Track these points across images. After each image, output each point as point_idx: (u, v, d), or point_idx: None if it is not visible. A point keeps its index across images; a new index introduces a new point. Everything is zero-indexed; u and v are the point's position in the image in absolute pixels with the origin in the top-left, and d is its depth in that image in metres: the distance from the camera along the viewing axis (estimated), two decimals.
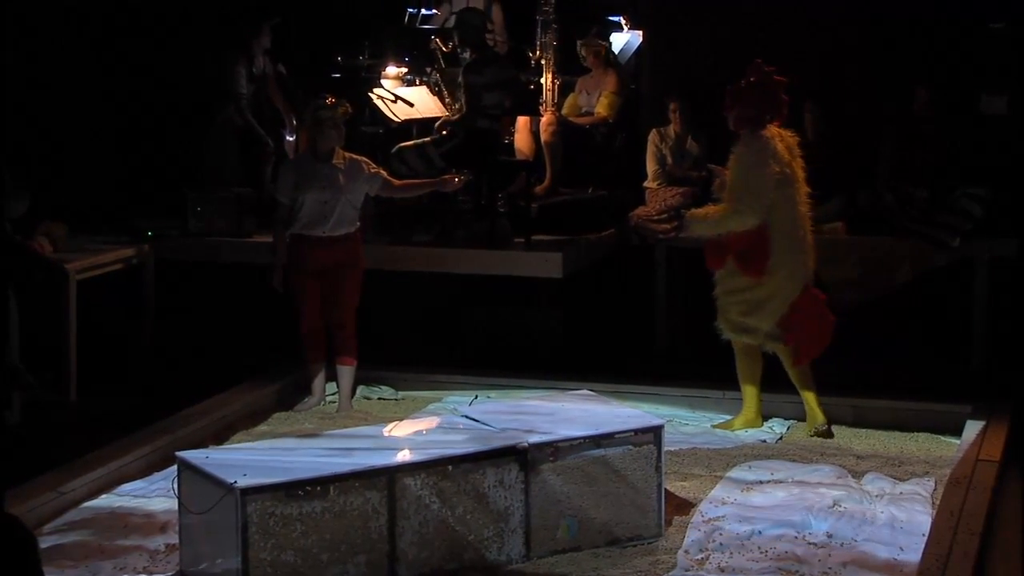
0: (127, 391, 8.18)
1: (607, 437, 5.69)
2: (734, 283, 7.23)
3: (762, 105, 7.14)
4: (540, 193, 9.14)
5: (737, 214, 7.09)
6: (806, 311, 7.20)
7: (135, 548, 5.64)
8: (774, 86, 7.18)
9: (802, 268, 7.22)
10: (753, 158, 7.10)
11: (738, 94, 7.19)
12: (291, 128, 9.54)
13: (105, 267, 8.51)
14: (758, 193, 7.05)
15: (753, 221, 7.08)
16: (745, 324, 7.24)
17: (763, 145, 7.10)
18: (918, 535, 5.80)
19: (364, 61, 9.36)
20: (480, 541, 5.44)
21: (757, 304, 7.20)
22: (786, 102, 7.22)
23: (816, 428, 7.31)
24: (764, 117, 7.15)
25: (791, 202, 7.15)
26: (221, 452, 5.79)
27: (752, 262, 7.14)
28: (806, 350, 7.25)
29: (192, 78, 9.69)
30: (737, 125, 7.22)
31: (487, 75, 8.55)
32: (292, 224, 7.60)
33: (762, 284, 7.17)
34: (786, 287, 7.19)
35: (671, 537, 5.82)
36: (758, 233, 7.11)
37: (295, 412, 7.73)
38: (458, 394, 8.00)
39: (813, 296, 7.27)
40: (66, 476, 6.28)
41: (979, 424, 7.13)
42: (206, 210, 8.99)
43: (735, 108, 7.19)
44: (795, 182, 7.16)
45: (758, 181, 7.05)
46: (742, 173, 7.10)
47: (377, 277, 8.10)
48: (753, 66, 7.25)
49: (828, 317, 7.29)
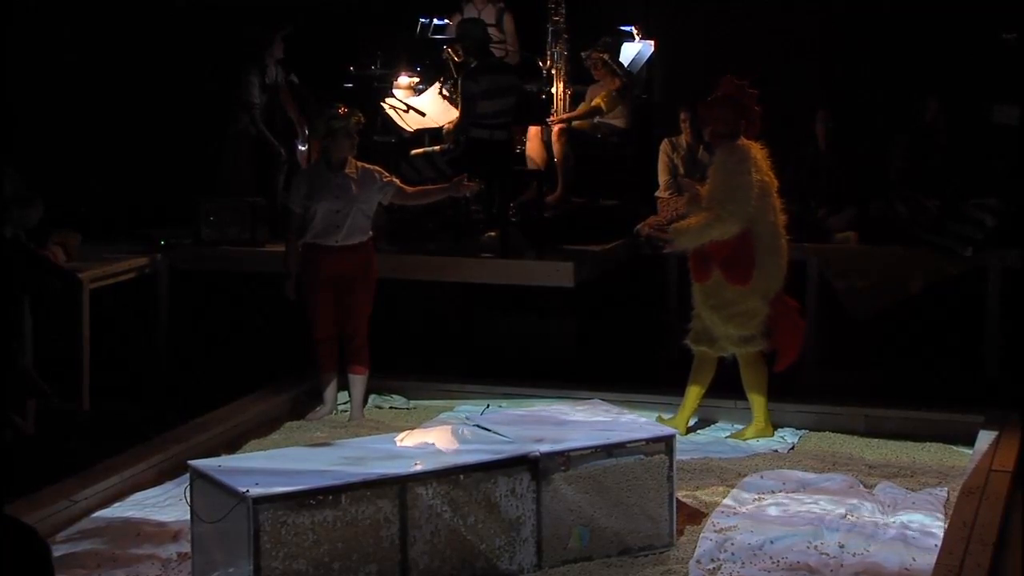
0: (140, 400, 8.21)
1: (619, 446, 5.69)
2: (722, 297, 7.24)
3: (735, 118, 7.20)
4: (552, 203, 9.16)
5: (720, 221, 7.12)
6: (780, 318, 7.24)
7: (148, 556, 5.66)
8: (746, 98, 7.23)
9: (778, 275, 7.26)
10: (734, 167, 7.16)
11: (711, 108, 7.27)
12: (303, 138, 9.57)
13: (118, 276, 8.54)
14: (741, 200, 7.10)
15: (736, 229, 7.12)
16: (738, 335, 7.25)
17: (743, 154, 7.17)
18: (930, 545, 5.79)
19: (376, 71, 9.38)
20: (492, 550, 5.45)
21: (742, 314, 7.22)
22: (759, 113, 7.27)
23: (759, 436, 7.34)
24: (738, 129, 7.21)
25: (771, 210, 7.21)
26: (233, 461, 5.80)
27: (737, 270, 7.19)
28: (785, 355, 7.27)
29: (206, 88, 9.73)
30: (713, 139, 7.33)
31: (483, 83, 8.56)
32: (305, 233, 7.62)
33: (748, 292, 7.19)
34: (767, 293, 7.22)
35: (683, 547, 5.81)
36: (742, 241, 7.15)
37: (307, 421, 7.75)
38: (470, 403, 8.01)
39: (786, 303, 7.32)
40: (79, 485, 6.29)
41: (992, 434, 7.12)
42: (219, 219, 9.02)
43: (709, 122, 7.28)
44: (772, 191, 7.23)
45: (741, 189, 7.11)
46: (724, 181, 7.16)
47: (389, 286, 8.11)
48: (725, 79, 7.34)
49: (800, 323, 7.33)
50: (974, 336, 8.56)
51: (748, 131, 7.24)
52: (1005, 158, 8.97)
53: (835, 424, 7.61)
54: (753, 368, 7.35)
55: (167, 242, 9.04)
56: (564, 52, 9.32)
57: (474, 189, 7.97)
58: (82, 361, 8.01)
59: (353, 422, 7.69)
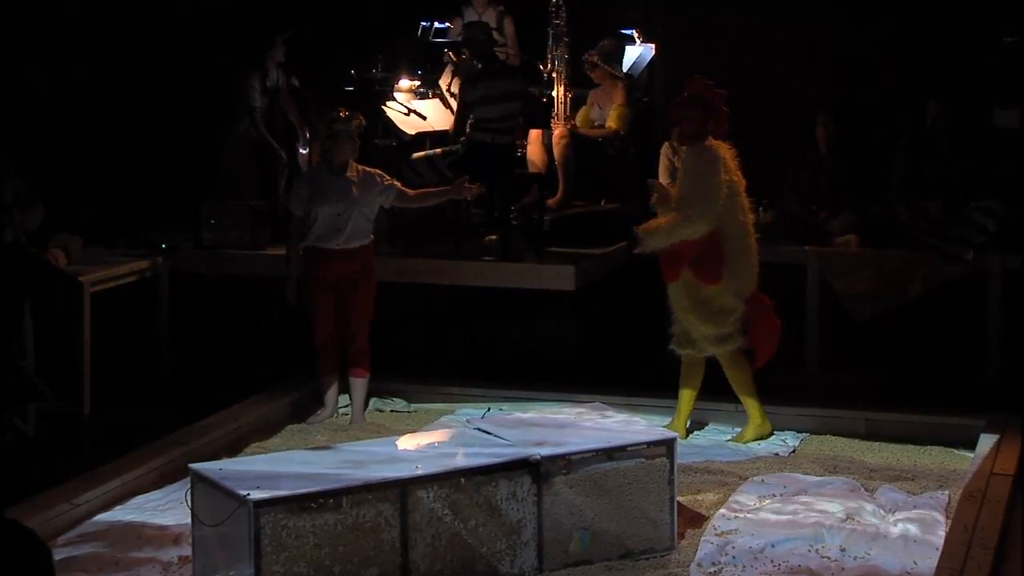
0: (141, 403, 8.20)
1: (620, 450, 5.69)
2: (697, 296, 7.25)
3: (703, 118, 7.21)
4: (553, 206, 9.16)
5: (689, 221, 7.14)
6: (756, 316, 7.26)
7: (149, 560, 5.65)
8: (713, 98, 7.24)
9: (749, 274, 7.27)
10: (703, 167, 7.18)
11: (678, 109, 7.30)
12: (304, 141, 9.58)
13: (119, 279, 8.54)
14: (710, 201, 7.12)
15: (704, 228, 7.14)
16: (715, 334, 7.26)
17: (712, 155, 7.19)
18: (931, 549, 5.78)
19: (377, 74, 9.39)
20: (493, 554, 5.45)
21: (717, 312, 7.23)
22: (726, 114, 7.29)
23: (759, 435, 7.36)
24: (706, 129, 7.23)
25: (740, 210, 7.23)
26: (234, 464, 5.79)
27: (707, 269, 7.20)
28: (763, 352, 7.29)
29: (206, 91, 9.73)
30: (681, 139, 7.36)
31: (481, 89, 8.57)
32: (306, 236, 7.62)
33: (721, 290, 7.20)
34: (740, 291, 7.23)
35: (684, 550, 5.81)
36: (710, 240, 7.17)
37: (308, 424, 7.74)
38: (471, 406, 8.00)
39: (761, 300, 7.33)
40: (80, 488, 6.29)
41: (993, 437, 7.11)
42: (220, 222, 9.02)
43: (678, 123, 7.31)
44: (740, 191, 7.24)
45: (709, 189, 7.13)
46: (692, 182, 7.18)
47: (390, 289, 8.12)
48: (692, 80, 7.36)
49: (775, 321, 7.34)
50: (975, 339, 8.56)
51: (716, 131, 7.26)
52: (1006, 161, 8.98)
53: (836, 427, 7.60)
54: (736, 367, 7.36)
55: (168, 245, 9.04)
56: (565, 55, 9.33)
57: (476, 191, 7.97)
58: (83, 364, 8.01)
59: (354, 425, 7.69)
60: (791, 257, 8.86)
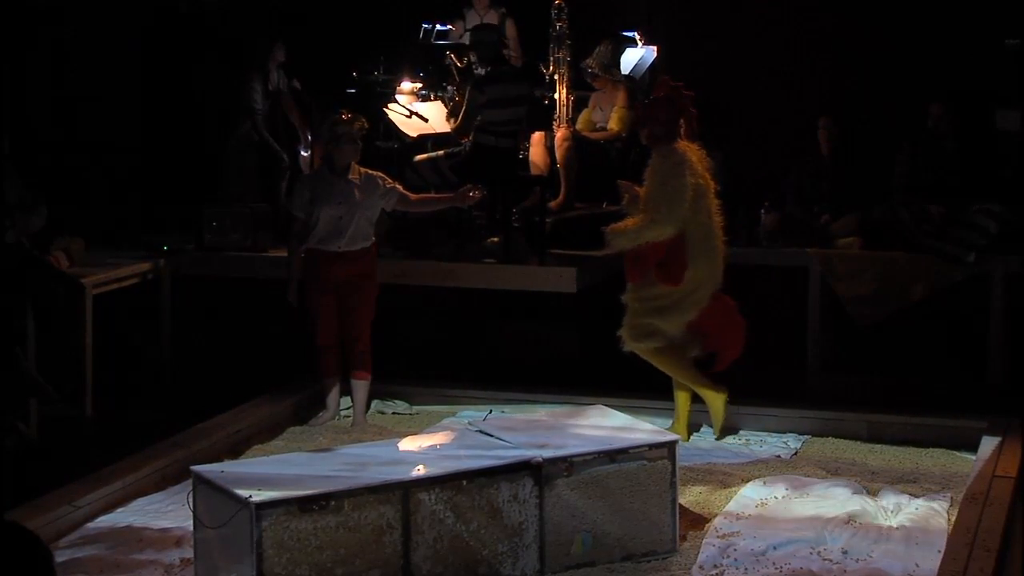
0: (143, 405, 8.21)
1: (621, 452, 5.69)
2: (652, 291, 7.27)
3: (671, 119, 7.23)
4: (555, 208, 9.16)
5: (655, 223, 7.15)
6: (720, 317, 7.27)
7: (150, 562, 5.66)
8: (683, 100, 7.25)
9: (713, 277, 7.28)
10: (669, 170, 7.19)
11: (648, 110, 7.32)
12: (306, 143, 9.58)
13: (121, 281, 8.54)
14: (675, 203, 7.13)
15: (671, 231, 7.16)
16: (653, 327, 7.26)
17: (679, 158, 7.19)
18: (934, 551, 5.78)
19: (379, 76, 9.39)
20: (494, 556, 5.45)
21: (668, 308, 7.23)
22: (695, 115, 7.31)
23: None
24: (674, 131, 7.24)
25: (705, 212, 7.23)
26: (236, 466, 5.79)
27: (671, 272, 7.22)
28: (726, 355, 7.30)
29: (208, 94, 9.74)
30: (649, 140, 7.34)
31: (488, 94, 8.57)
32: (307, 239, 7.63)
33: (677, 292, 7.22)
34: (697, 293, 7.24)
35: (685, 552, 5.81)
36: (675, 243, 7.17)
37: (310, 426, 7.75)
38: (472, 408, 8.00)
39: (724, 302, 7.34)
40: (82, 490, 6.30)
41: (995, 440, 7.11)
42: (222, 225, 9.02)
43: (646, 125, 7.31)
44: (708, 193, 7.25)
45: (675, 191, 7.13)
46: (659, 184, 7.19)
47: (392, 292, 8.12)
48: (660, 82, 7.41)
49: (740, 321, 7.34)
50: (977, 342, 8.55)
51: (685, 133, 7.26)
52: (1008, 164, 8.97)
53: (838, 430, 7.60)
54: (665, 363, 7.34)
55: (170, 248, 9.05)
56: (567, 58, 9.33)
57: (478, 198, 7.96)
58: (85, 366, 8.02)
59: (356, 427, 7.69)
60: (793, 259, 8.87)
